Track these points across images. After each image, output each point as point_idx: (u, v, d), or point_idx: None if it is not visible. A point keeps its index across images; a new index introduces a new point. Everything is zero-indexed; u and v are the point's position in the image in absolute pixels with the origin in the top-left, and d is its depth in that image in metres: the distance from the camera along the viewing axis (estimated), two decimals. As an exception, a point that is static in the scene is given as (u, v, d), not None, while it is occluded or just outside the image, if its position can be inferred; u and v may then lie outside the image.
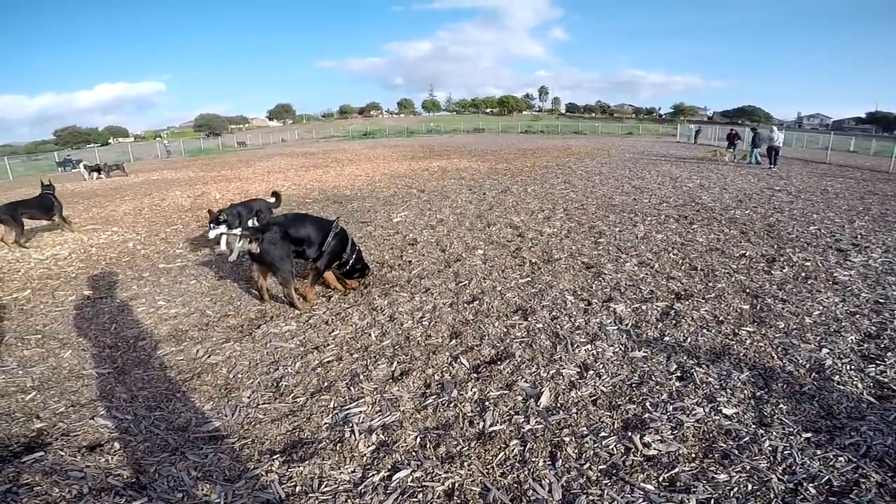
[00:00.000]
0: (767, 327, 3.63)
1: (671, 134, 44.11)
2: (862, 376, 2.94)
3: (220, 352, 3.52)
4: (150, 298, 4.69)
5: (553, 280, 4.74)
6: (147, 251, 6.57)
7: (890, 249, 5.72)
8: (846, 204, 8.95)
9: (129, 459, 2.37)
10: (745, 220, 7.42)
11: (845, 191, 10.63)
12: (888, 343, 3.33)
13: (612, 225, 7.10)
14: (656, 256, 5.50)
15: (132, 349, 3.63)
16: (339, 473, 2.24)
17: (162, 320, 4.16)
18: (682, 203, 8.85)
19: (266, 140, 51.72)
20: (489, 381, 2.97)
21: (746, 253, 5.59)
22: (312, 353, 3.45)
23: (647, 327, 3.68)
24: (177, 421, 2.71)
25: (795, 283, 4.58)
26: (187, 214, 9.25)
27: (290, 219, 4.30)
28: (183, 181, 15.41)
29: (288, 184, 13.07)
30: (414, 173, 14.38)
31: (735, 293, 4.33)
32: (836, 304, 4.05)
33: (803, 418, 2.54)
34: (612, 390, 2.86)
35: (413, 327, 3.80)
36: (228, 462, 2.34)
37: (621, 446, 2.36)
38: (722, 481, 2.11)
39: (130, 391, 3.03)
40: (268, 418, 2.70)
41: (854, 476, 2.11)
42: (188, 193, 12.16)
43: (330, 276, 4.59)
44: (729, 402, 2.70)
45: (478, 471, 2.23)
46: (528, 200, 9.21)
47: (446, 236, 6.64)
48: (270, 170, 17.62)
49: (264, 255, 4.00)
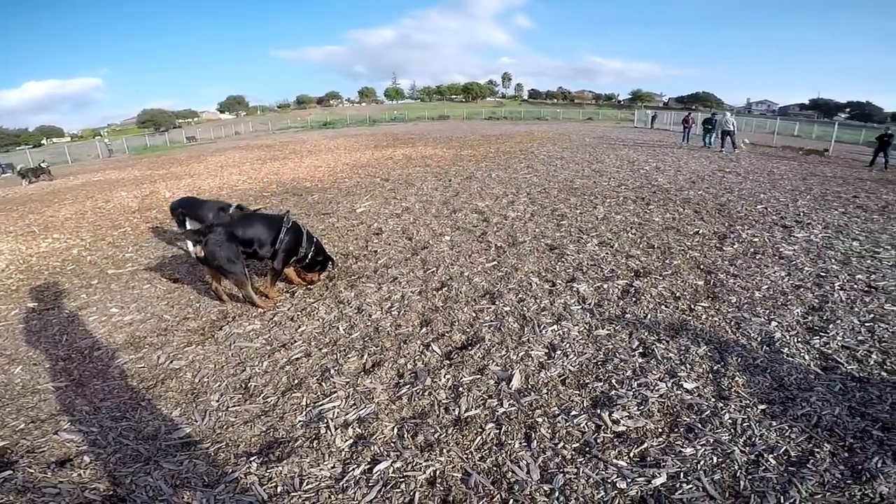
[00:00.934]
0: (721, 302, 3.81)
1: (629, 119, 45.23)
2: (808, 348, 3.11)
3: (183, 356, 3.40)
4: (102, 306, 4.45)
5: (518, 263, 4.81)
6: (94, 257, 6.21)
7: (829, 226, 6.11)
8: (790, 184, 9.48)
9: (102, 472, 2.29)
10: (699, 200, 7.74)
11: (789, 172, 11.26)
12: (829, 315, 3.55)
13: (574, 207, 7.26)
14: (616, 236, 5.67)
15: (88, 360, 3.45)
16: (319, 470, 2.22)
17: (117, 328, 3.97)
18: (640, 185, 9.13)
19: (218, 134, 49.58)
20: (461, 367, 3.00)
21: (700, 231, 5.84)
22: (280, 350, 3.38)
23: (609, 305, 3.80)
24: (145, 430, 2.62)
25: (745, 258, 4.83)
26: (135, 216, 8.78)
27: (237, 219, 4.15)
28: (128, 181, 14.59)
29: (243, 178, 12.63)
30: (377, 162, 14.17)
31: (690, 269, 4.53)
32: (782, 278, 4.30)
33: (758, 390, 2.68)
34: (580, 369, 2.94)
35: (382, 318, 3.78)
36: (205, 467, 2.29)
37: (592, 424, 2.44)
38: (689, 455, 2.20)
39: (92, 403, 2.90)
40: (240, 420, 2.64)
41: (809, 446, 2.23)
42: (135, 194, 11.52)
43: (290, 273, 4.47)
44: (689, 376, 2.83)
45: (457, 457, 2.26)
46: (493, 186, 9.28)
47: (412, 224, 6.61)
48: (224, 164, 16.93)
49: (210, 257, 3.85)
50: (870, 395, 2.60)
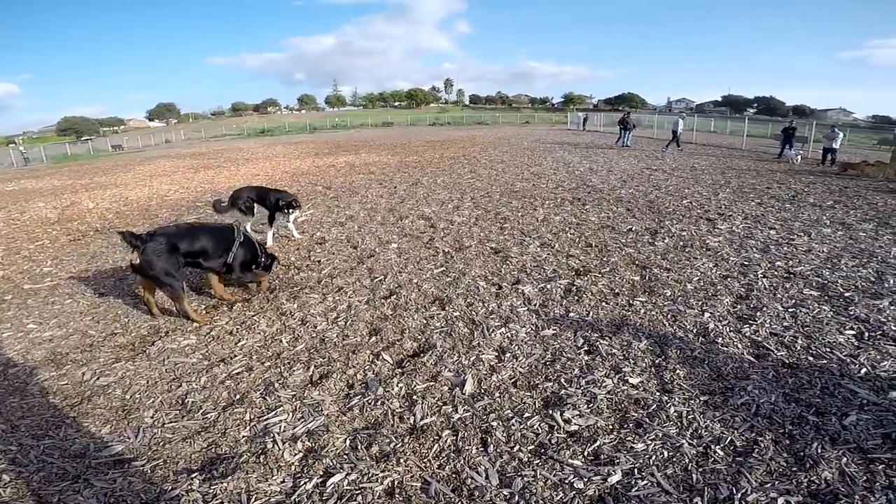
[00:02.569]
0: (657, 296, 4.03)
1: (563, 122, 47.19)
2: (740, 337, 3.31)
3: (111, 373, 3.15)
4: (17, 322, 4.04)
5: (465, 267, 4.86)
6: (7, 272, 5.60)
7: (748, 217, 6.68)
8: (711, 179, 10.27)
9: (25, 490, 2.12)
10: (630, 198, 8.20)
11: (709, 167, 12.21)
12: (756, 303, 3.83)
13: (515, 210, 7.45)
14: (556, 237, 5.87)
15: (2, 377, 3.15)
16: (268, 485, 2.13)
17: (35, 344, 3.62)
18: (576, 186, 9.53)
19: (147, 142, 46.50)
20: (414, 375, 2.98)
21: (633, 228, 6.18)
22: (218, 365, 3.20)
23: (554, 305, 3.92)
24: (72, 448, 2.42)
25: (676, 252, 5.16)
26: (55, 228, 8.02)
27: (182, 230, 3.91)
28: (47, 191, 13.33)
29: (175, 187, 11.90)
30: (319, 170, 13.83)
31: (626, 266, 4.77)
32: (710, 269, 4.63)
33: (698, 382, 2.80)
34: (529, 370, 3.00)
35: (328, 328, 3.68)
36: (142, 485, 2.15)
37: (545, 425, 2.47)
38: (640, 451, 2.26)
39: (9, 421, 2.67)
40: (178, 437, 2.48)
41: (752, 436, 2.32)
42: (54, 204, 10.54)
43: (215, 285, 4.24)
44: (633, 371, 2.94)
45: (415, 465, 2.23)
46: (438, 191, 9.33)
47: (357, 232, 6.50)
48: (153, 173, 15.87)
49: (146, 266, 3.61)
50: (800, 380, 2.78)
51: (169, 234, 3.75)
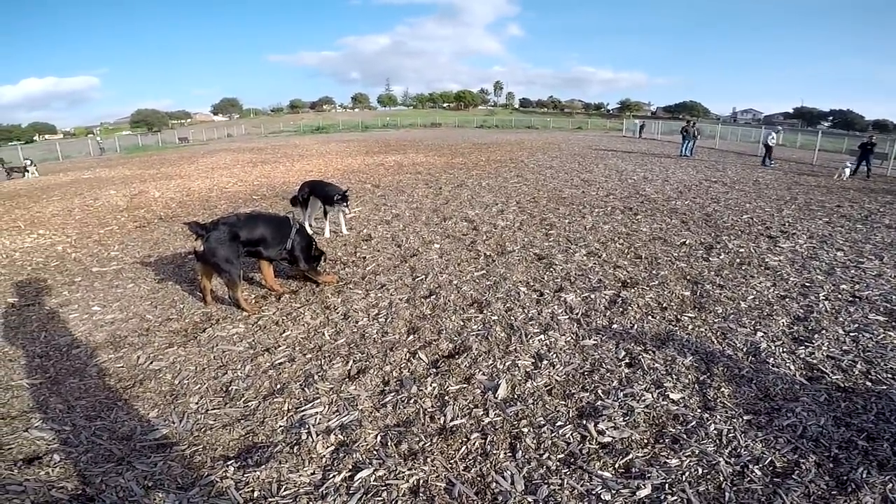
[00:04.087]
0: (707, 312, 3.84)
1: (618, 129, 45.82)
2: (794, 358, 3.13)
3: (163, 357, 3.34)
4: (84, 304, 4.37)
5: (507, 272, 4.81)
6: (78, 254, 6.10)
7: (814, 236, 6.22)
8: (775, 194, 9.64)
9: (71, 471, 2.24)
10: (685, 210, 7.84)
11: (774, 182, 11.46)
12: (815, 325, 3.59)
13: (562, 217, 7.30)
14: (603, 246, 5.70)
15: (65, 358, 3.38)
16: (298, 476, 2.19)
17: (97, 326, 3.89)
18: (628, 195, 9.22)
19: (210, 136, 49.22)
20: (448, 376, 2.98)
21: (686, 241, 5.90)
22: (263, 355, 3.34)
23: (597, 315, 3.81)
24: (120, 430, 2.57)
25: (731, 268, 4.89)
26: (123, 215, 8.66)
27: (243, 219, 4.12)
28: (118, 179, 14.42)
29: (234, 180, 12.53)
30: (368, 168, 14.16)
31: (677, 280, 4.57)
32: (767, 288, 4.35)
33: (743, 401, 2.68)
34: (566, 379, 2.94)
35: (369, 324, 3.75)
36: (180, 469, 2.25)
37: (577, 435, 2.42)
38: (674, 466, 2.19)
39: (66, 401, 2.84)
40: (219, 424, 2.60)
41: (794, 457, 2.23)
42: (124, 192, 11.38)
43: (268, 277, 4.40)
44: (675, 387, 2.83)
45: (441, 466, 2.24)
46: (483, 194, 9.30)
47: (402, 231, 6.59)
48: (215, 166, 16.81)
49: (209, 254, 3.82)
50: (854, 405, 2.62)
51: (231, 224, 3.96)
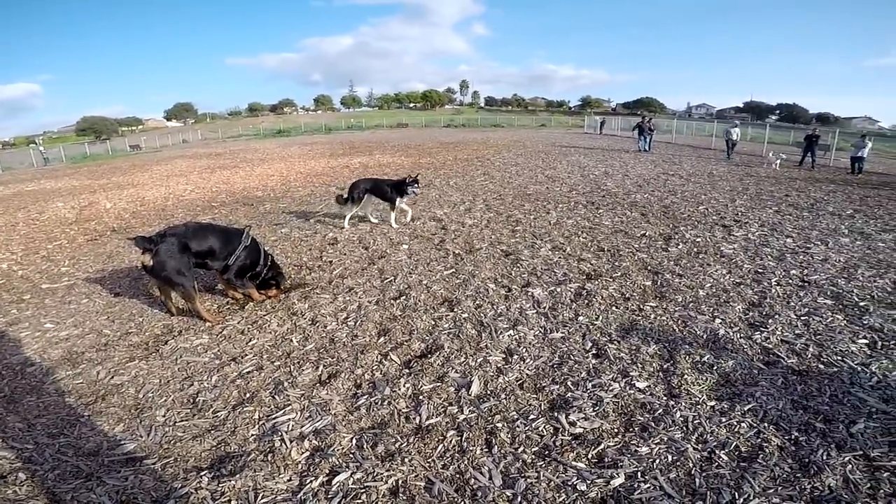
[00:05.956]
0: (668, 301, 4.00)
1: (579, 126, 46.86)
2: (751, 343, 3.28)
3: (125, 371, 3.22)
4: (35, 322, 4.15)
5: (475, 270, 4.87)
6: (25, 272, 5.77)
7: (765, 224, 6.57)
8: (728, 185, 10.12)
9: (40, 489, 2.18)
10: (645, 202, 8.12)
11: (727, 174, 12.03)
12: (769, 310, 3.78)
13: (528, 213, 7.43)
14: (568, 240, 5.85)
15: (20, 376, 3.23)
16: (275, 483, 2.16)
17: (52, 344, 3.71)
18: (590, 190, 9.47)
19: (164, 142, 47.35)
20: (421, 375, 3.00)
21: (646, 233, 6.13)
22: (229, 364, 3.26)
23: (563, 308, 3.91)
24: (86, 446, 2.48)
25: (689, 258, 5.11)
26: (72, 228, 8.22)
27: (192, 229, 3.98)
28: (65, 191, 13.67)
29: (191, 187, 12.12)
30: (333, 171, 13.97)
31: (638, 271, 4.73)
32: (723, 275, 4.57)
33: (706, 387, 2.79)
34: (536, 373, 3.00)
35: (338, 328, 3.72)
36: (153, 483, 2.19)
37: (550, 427, 2.48)
38: (644, 454, 2.26)
39: (26, 419, 2.73)
40: (188, 435, 2.53)
41: (758, 441, 2.33)
42: (72, 204, 10.80)
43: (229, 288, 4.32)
44: (640, 375, 2.93)
45: (420, 465, 2.25)
46: (451, 193, 9.36)
47: (369, 233, 6.55)
48: (170, 173, 16.18)
49: (158, 268, 3.66)
50: (809, 387, 2.76)
51: (179, 234, 3.79)
